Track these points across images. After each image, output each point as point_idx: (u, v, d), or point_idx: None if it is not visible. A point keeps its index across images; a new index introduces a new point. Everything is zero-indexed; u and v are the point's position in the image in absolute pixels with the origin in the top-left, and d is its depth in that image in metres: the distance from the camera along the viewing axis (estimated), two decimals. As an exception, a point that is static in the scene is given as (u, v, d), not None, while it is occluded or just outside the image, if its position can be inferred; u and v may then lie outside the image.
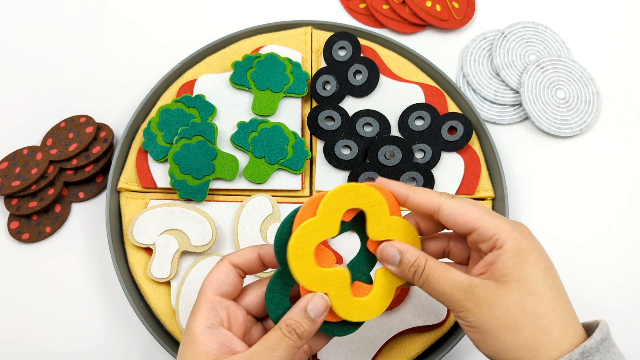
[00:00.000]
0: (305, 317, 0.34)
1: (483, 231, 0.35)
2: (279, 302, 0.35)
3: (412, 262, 0.36)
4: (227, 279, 0.36)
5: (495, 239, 0.34)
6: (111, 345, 0.50)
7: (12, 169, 0.54)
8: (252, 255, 0.37)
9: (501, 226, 0.34)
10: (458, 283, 0.34)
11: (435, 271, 0.35)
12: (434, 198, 0.36)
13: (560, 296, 0.34)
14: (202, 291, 0.36)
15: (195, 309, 0.35)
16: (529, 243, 0.35)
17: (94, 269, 0.53)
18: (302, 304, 0.34)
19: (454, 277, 0.35)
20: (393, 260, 0.36)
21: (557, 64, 0.61)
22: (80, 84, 0.61)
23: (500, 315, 0.33)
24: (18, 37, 0.63)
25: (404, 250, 0.36)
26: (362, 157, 0.52)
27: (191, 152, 0.51)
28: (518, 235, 0.34)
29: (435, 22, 0.63)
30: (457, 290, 0.34)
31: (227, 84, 0.55)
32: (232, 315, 0.35)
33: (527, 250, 0.34)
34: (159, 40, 0.63)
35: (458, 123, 0.54)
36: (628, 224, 0.56)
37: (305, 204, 0.35)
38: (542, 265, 0.34)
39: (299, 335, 0.34)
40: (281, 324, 0.34)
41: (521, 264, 0.34)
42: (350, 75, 0.56)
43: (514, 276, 0.33)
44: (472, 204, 0.36)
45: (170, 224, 0.49)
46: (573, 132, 0.59)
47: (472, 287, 0.34)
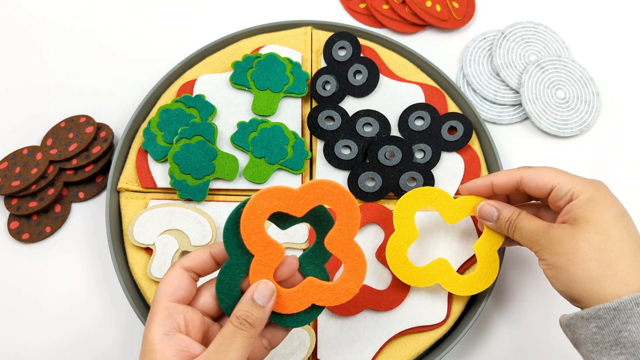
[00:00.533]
0: (254, 306, 0.34)
1: (560, 187, 0.40)
2: (228, 292, 0.36)
3: (507, 217, 0.42)
4: (181, 284, 0.35)
5: (572, 192, 0.39)
6: (111, 345, 0.50)
7: (12, 169, 0.54)
8: (204, 256, 0.37)
9: (576, 181, 0.39)
10: (539, 227, 0.40)
11: (522, 220, 0.41)
12: (513, 173, 0.43)
13: (631, 239, 0.37)
14: (156, 299, 0.35)
15: (150, 318, 0.34)
16: (602, 192, 0.39)
17: (94, 269, 0.53)
18: (248, 294, 0.35)
19: (536, 222, 0.41)
20: (491, 216, 0.44)
21: (557, 64, 0.61)
22: (80, 84, 0.61)
23: (569, 251, 0.37)
24: (18, 37, 0.63)
25: (501, 208, 0.43)
26: (362, 157, 0.52)
27: (191, 152, 0.51)
28: (592, 187, 0.39)
29: (435, 22, 0.63)
30: (537, 232, 0.40)
31: (227, 84, 0.55)
32: (189, 320, 0.35)
33: (599, 197, 0.38)
34: (159, 40, 0.63)
35: (458, 123, 0.54)
36: (628, 224, 0.56)
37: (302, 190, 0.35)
38: (614, 211, 0.38)
39: (250, 324, 0.34)
40: (232, 318, 0.34)
41: (592, 209, 0.38)
42: (350, 75, 0.56)
43: (585, 218, 0.37)
44: (549, 168, 0.41)
45: (170, 224, 0.49)
46: (573, 132, 0.59)
47: (549, 229, 0.39)
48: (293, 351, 0.46)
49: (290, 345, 0.46)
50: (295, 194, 0.35)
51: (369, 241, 0.50)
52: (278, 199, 0.35)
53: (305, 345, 0.46)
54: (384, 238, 0.50)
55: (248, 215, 0.35)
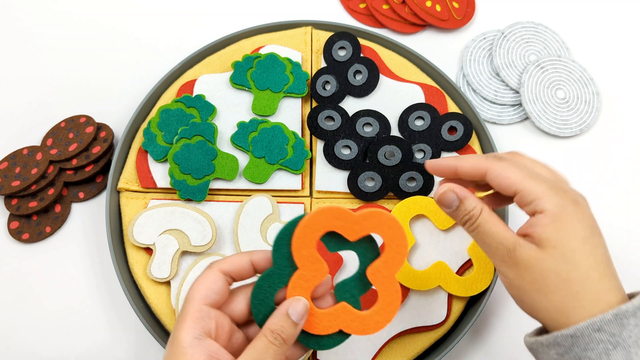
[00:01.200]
0: (288, 321, 0.34)
1: (524, 194, 0.36)
2: (263, 300, 0.35)
3: (468, 210, 0.37)
4: (217, 288, 0.35)
5: (536, 203, 0.35)
6: (111, 345, 0.50)
7: (12, 169, 0.54)
8: (244, 262, 0.36)
9: (542, 190, 0.35)
10: (505, 239, 0.36)
11: (487, 222, 0.37)
12: (481, 162, 0.38)
13: (597, 265, 0.35)
14: (190, 300, 0.34)
15: (182, 319, 0.34)
16: (570, 209, 0.35)
17: (94, 269, 0.53)
18: (282, 308, 0.34)
19: (502, 232, 0.36)
20: (450, 204, 0.38)
21: (557, 64, 0.61)
22: (80, 84, 0.61)
23: (536, 279, 0.35)
24: (18, 38, 0.63)
25: (463, 197, 0.38)
26: (362, 157, 0.52)
27: (191, 152, 0.51)
28: (559, 200, 0.35)
29: (435, 22, 0.63)
30: (502, 246, 0.36)
31: (227, 84, 0.55)
32: (220, 325, 0.35)
33: (566, 217, 0.35)
34: (159, 40, 0.63)
35: (458, 123, 0.54)
36: (628, 224, 0.56)
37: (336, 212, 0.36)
38: (581, 233, 0.35)
39: (284, 340, 0.34)
40: (265, 331, 0.34)
41: (559, 231, 0.35)
42: (350, 75, 0.56)
43: (552, 242, 0.35)
44: (517, 166, 0.37)
45: (170, 224, 0.49)
46: (573, 132, 0.59)
47: (515, 246, 0.35)
48: (293, 351, 0.46)
49: (290, 345, 0.46)
50: (353, 217, 0.36)
51: (369, 241, 0.50)
52: (336, 219, 0.35)
53: (305, 345, 0.46)
54: (384, 238, 0.50)
55: (304, 228, 0.35)
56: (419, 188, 0.51)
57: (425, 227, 0.50)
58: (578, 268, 0.34)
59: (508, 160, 0.38)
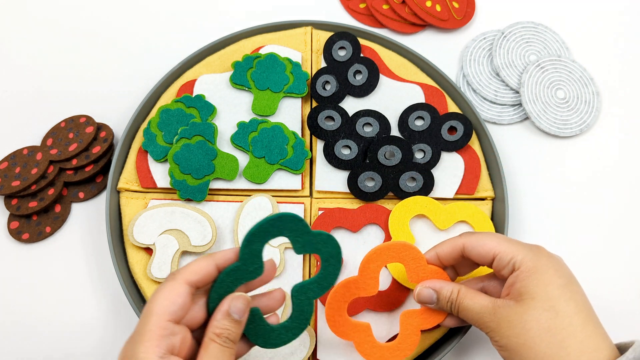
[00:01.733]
0: (231, 321, 0.34)
1: (502, 256, 0.38)
2: (223, 294, 0.36)
3: (448, 297, 0.40)
4: (182, 302, 0.33)
5: (513, 262, 0.37)
6: (111, 345, 0.50)
7: (12, 169, 0.54)
8: (209, 269, 0.35)
9: (517, 249, 0.38)
10: (484, 306, 0.38)
11: (465, 299, 0.39)
12: (456, 241, 0.41)
13: (579, 311, 0.35)
14: (153, 314, 0.32)
15: (144, 336, 0.31)
16: (545, 262, 0.37)
17: (94, 269, 0.53)
18: (223, 307, 0.34)
19: (479, 301, 0.38)
20: (431, 299, 0.41)
21: (557, 64, 0.61)
22: (80, 84, 0.61)
23: (519, 332, 0.35)
24: (18, 37, 0.63)
25: (438, 288, 0.40)
26: (362, 157, 0.52)
27: (191, 152, 0.51)
28: (533, 255, 0.37)
29: (435, 22, 0.63)
30: (484, 313, 0.38)
31: (227, 84, 0.55)
32: (182, 340, 0.33)
33: (542, 268, 0.36)
34: (159, 40, 0.63)
35: (458, 123, 0.54)
36: (628, 224, 0.56)
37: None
38: (558, 282, 0.36)
39: (232, 341, 0.34)
40: (212, 336, 0.33)
41: (536, 282, 0.36)
42: (350, 75, 0.56)
43: (530, 294, 0.36)
44: (490, 234, 0.40)
45: (170, 224, 0.49)
46: (573, 132, 0.59)
47: (495, 309, 0.37)
48: (293, 351, 0.46)
49: (291, 345, 0.46)
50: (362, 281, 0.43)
51: (369, 241, 0.50)
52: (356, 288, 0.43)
53: (306, 345, 0.46)
54: (384, 238, 0.50)
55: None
56: (419, 188, 0.51)
57: (425, 227, 0.50)
58: (559, 315, 0.35)
59: (481, 232, 0.41)
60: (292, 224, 0.37)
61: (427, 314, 0.43)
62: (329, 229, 0.50)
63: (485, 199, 0.53)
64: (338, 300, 0.43)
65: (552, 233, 0.55)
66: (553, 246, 0.55)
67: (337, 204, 0.52)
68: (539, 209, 0.56)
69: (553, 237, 0.55)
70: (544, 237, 0.55)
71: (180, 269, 0.35)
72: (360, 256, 0.49)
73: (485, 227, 0.50)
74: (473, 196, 0.53)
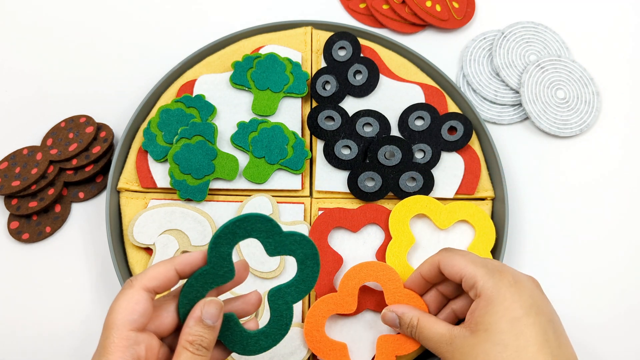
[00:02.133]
0: (204, 327, 0.33)
1: (467, 279, 0.38)
2: (193, 299, 0.34)
3: (408, 323, 0.41)
4: (142, 309, 0.32)
5: (476, 287, 0.38)
6: (111, 345, 0.50)
7: (12, 169, 0.54)
8: (169, 274, 0.34)
9: (480, 274, 0.38)
10: (441, 335, 0.39)
11: (424, 327, 0.40)
12: (434, 258, 0.41)
13: (527, 346, 0.35)
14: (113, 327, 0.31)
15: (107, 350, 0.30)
16: (504, 291, 0.37)
17: (94, 269, 0.53)
18: (195, 313, 0.33)
19: (438, 329, 0.39)
20: (394, 322, 0.42)
21: (557, 64, 0.61)
22: (80, 84, 0.61)
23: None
24: (18, 37, 0.63)
25: (400, 314, 0.42)
26: (362, 157, 0.52)
27: (191, 152, 0.51)
28: (493, 283, 0.37)
29: (435, 22, 0.63)
30: (442, 342, 0.39)
31: (227, 84, 0.55)
32: (148, 348, 0.32)
33: (499, 299, 0.36)
34: (159, 40, 0.63)
35: (458, 123, 0.54)
36: (628, 224, 0.56)
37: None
38: (511, 315, 0.36)
39: (206, 348, 0.33)
40: (184, 344, 0.32)
41: (490, 315, 0.36)
42: (350, 75, 0.56)
43: (484, 325, 0.36)
44: (461, 255, 0.40)
45: (170, 224, 0.49)
46: (573, 132, 0.59)
47: (451, 338, 0.38)
48: (293, 351, 0.46)
49: (291, 345, 0.46)
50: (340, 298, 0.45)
51: (369, 241, 0.50)
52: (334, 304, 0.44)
53: (306, 345, 0.46)
54: (384, 238, 0.50)
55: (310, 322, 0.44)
56: (419, 188, 0.51)
57: (425, 227, 0.50)
58: (507, 349, 0.35)
59: (455, 250, 0.41)
60: (260, 224, 0.35)
61: (404, 340, 0.43)
62: (329, 229, 0.50)
63: (485, 199, 0.53)
64: (316, 315, 0.44)
65: (552, 233, 0.55)
66: (553, 246, 0.55)
67: (337, 204, 0.52)
68: (539, 209, 0.56)
69: (553, 237, 0.55)
70: (543, 237, 0.55)
71: (138, 275, 0.34)
72: (360, 256, 0.49)
73: (485, 227, 0.50)
74: (473, 196, 0.53)
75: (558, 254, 0.55)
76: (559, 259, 0.54)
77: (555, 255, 0.55)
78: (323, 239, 0.49)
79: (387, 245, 0.48)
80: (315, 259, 0.37)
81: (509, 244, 0.54)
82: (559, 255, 0.54)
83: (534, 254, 0.54)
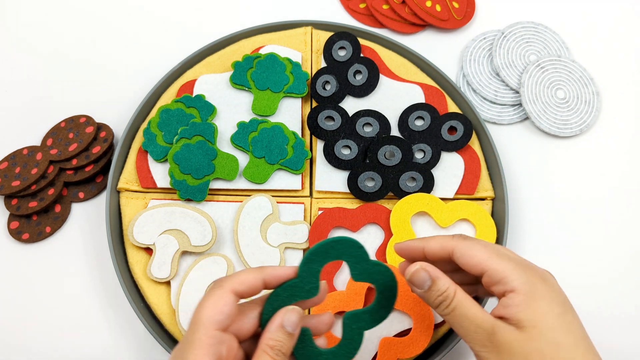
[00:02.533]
0: (284, 333, 0.34)
1: (492, 274, 0.35)
2: (277, 308, 0.35)
3: (442, 291, 0.36)
4: (229, 311, 0.33)
5: (505, 282, 0.35)
6: (111, 346, 0.50)
7: (12, 169, 0.54)
8: (256, 282, 0.35)
9: (509, 268, 0.35)
10: (483, 322, 0.35)
11: (463, 305, 0.35)
12: (447, 242, 0.37)
13: (577, 343, 0.34)
14: (201, 323, 0.32)
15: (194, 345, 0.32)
16: (540, 287, 0.35)
17: (94, 269, 0.53)
18: (277, 320, 0.34)
19: (479, 314, 0.35)
20: (422, 284, 0.36)
21: (557, 64, 0.61)
22: (81, 84, 0.61)
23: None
24: (18, 37, 0.63)
25: (436, 277, 0.36)
26: (362, 157, 0.52)
27: (191, 152, 0.51)
28: (527, 279, 0.35)
29: (435, 22, 0.63)
30: (481, 330, 0.35)
31: (227, 84, 0.55)
32: (229, 349, 0.33)
33: (539, 294, 0.34)
34: (159, 40, 0.63)
35: (458, 123, 0.54)
36: (628, 224, 0.56)
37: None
38: (557, 310, 0.34)
39: (284, 354, 0.33)
40: (265, 348, 0.33)
41: (535, 310, 0.34)
42: (350, 75, 0.56)
43: (531, 322, 0.34)
44: (482, 245, 0.36)
45: (170, 224, 0.49)
46: (573, 132, 0.59)
47: (494, 330, 0.34)
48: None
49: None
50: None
51: (369, 241, 0.50)
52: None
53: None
54: (384, 238, 0.50)
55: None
56: (419, 188, 0.51)
57: (427, 224, 0.50)
58: (560, 347, 0.33)
59: (474, 240, 0.37)
60: (352, 249, 0.36)
61: (407, 343, 0.43)
62: (329, 228, 0.50)
63: (485, 199, 0.53)
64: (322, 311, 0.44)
65: (552, 233, 0.55)
66: (553, 246, 0.55)
67: (337, 204, 0.52)
68: (539, 209, 0.56)
69: (553, 237, 0.55)
70: (543, 237, 0.55)
71: (227, 277, 0.35)
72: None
73: (486, 226, 0.50)
74: (473, 196, 0.53)
75: (558, 254, 0.55)
76: (559, 259, 0.54)
77: (555, 255, 0.54)
78: (323, 238, 0.49)
79: (387, 243, 0.48)
80: (393, 292, 0.37)
81: (509, 243, 0.54)
82: (559, 255, 0.54)
83: (533, 253, 0.54)
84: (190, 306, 0.47)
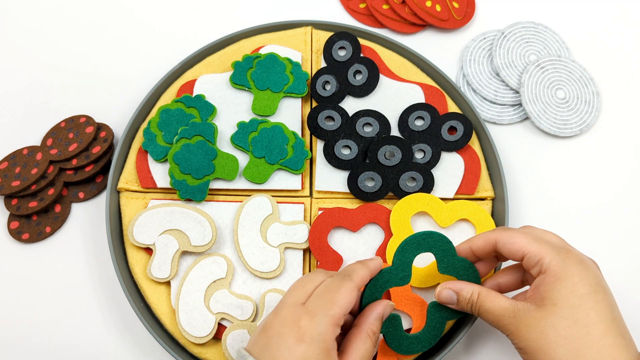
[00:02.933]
0: (380, 324, 0.39)
1: (530, 256, 0.39)
2: (374, 292, 0.41)
3: (468, 299, 0.41)
4: (353, 303, 0.38)
5: (541, 264, 0.38)
6: (111, 345, 0.50)
7: (12, 169, 0.54)
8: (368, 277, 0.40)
9: (545, 250, 0.38)
10: (504, 309, 0.39)
11: (485, 301, 0.40)
12: (489, 236, 0.41)
13: (599, 321, 0.36)
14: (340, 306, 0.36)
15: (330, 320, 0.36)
16: (571, 268, 0.37)
17: (94, 269, 0.53)
18: (379, 311, 0.40)
19: (500, 303, 0.39)
20: (451, 300, 0.42)
21: (557, 64, 0.61)
22: (81, 84, 0.61)
23: (537, 337, 0.36)
24: (18, 37, 0.63)
25: (458, 290, 0.41)
26: (362, 157, 0.52)
27: (191, 152, 0.51)
28: (560, 260, 0.37)
29: (435, 22, 0.63)
30: (504, 315, 0.39)
31: (227, 84, 0.55)
32: None
33: (567, 274, 0.37)
34: (159, 40, 0.63)
35: (458, 123, 0.54)
36: (628, 224, 0.56)
37: None
38: (581, 290, 0.36)
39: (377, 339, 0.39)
40: (369, 332, 0.38)
41: (559, 289, 0.37)
42: (350, 75, 0.56)
43: (551, 300, 0.37)
44: (522, 233, 0.40)
45: (170, 224, 0.49)
46: (573, 132, 0.59)
47: (515, 311, 0.38)
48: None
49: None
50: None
51: (369, 241, 0.50)
52: None
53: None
54: (384, 238, 0.50)
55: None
56: (419, 188, 0.51)
57: (426, 224, 0.50)
58: (577, 324, 0.35)
59: (514, 229, 0.41)
60: (441, 243, 0.41)
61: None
62: (329, 228, 0.50)
63: (485, 199, 0.53)
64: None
65: (552, 233, 0.55)
66: (553, 246, 0.55)
67: (337, 204, 0.52)
68: (539, 209, 0.56)
69: (553, 237, 0.55)
70: (544, 237, 0.55)
71: (356, 273, 0.39)
72: (360, 255, 0.49)
73: (486, 226, 0.50)
74: (473, 196, 0.53)
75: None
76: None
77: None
78: (323, 238, 0.49)
79: (387, 243, 0.48)
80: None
81: (509, 244, 0.54)
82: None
83: (534, 254, 0.54)
84: (190, 306, 0.47)
